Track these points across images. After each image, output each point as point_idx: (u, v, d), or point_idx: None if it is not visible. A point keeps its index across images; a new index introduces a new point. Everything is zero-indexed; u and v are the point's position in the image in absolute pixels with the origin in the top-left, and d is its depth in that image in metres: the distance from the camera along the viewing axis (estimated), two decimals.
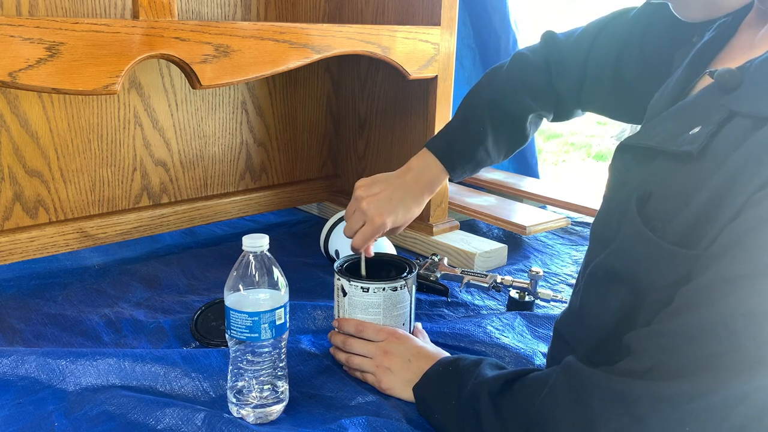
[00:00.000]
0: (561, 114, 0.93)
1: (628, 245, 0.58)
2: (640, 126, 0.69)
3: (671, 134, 0.58)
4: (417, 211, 0.91)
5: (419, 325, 0.90)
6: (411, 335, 0.82)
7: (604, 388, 0.52)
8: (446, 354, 0.78)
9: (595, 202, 1.45)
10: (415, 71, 1.20)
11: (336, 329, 0.85)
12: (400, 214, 0.88)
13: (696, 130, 0.55)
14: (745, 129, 0.51)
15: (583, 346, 0.64)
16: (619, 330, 0.57)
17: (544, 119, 0.96)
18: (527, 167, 1.79)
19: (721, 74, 0.55)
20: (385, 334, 0.80)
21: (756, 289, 0.47)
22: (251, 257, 0.70)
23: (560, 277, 1.21)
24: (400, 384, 0.76)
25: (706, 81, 0.60)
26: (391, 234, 0.92)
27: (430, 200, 1.28)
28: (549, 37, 0.90)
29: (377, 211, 0.87)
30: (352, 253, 0.91)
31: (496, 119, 0.91)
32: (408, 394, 0.75)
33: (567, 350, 0.66)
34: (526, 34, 1.74)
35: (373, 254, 0.89)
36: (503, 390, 0.63)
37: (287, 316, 0.71)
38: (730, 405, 0.47)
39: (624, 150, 0.64)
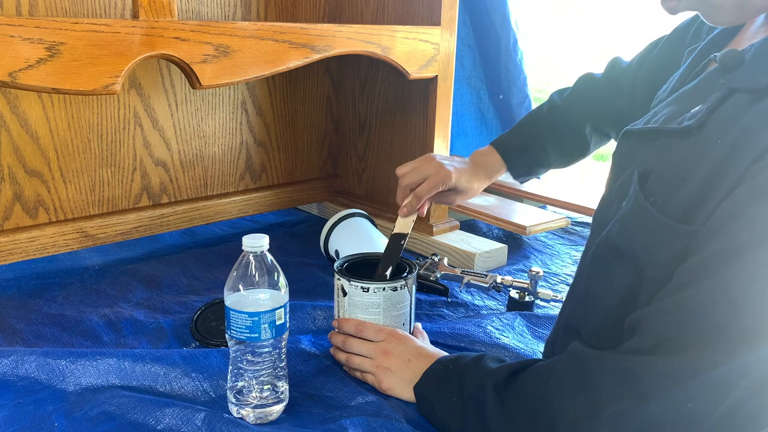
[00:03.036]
0: None
1: (629, 220, 0.58)
2: None
3: (673, 116, 0.59)
4: (476, 186, 0.98)
5: (419, 325, 0.90)
6: (411, 335, 0.82)
7: (609, 368, 0.53)
8: (446, 354, 0.78)
9: (595, 203, 1.44)
10: (415, 71, 1.20)
11: (336, 329, 0.85)
12: (464, 177, 0.96)
13: (696, 108, 0.56)
14: (744, 103, 0.52)
15: (587, 329, 0.64)
16: (621, 312, 0.58)
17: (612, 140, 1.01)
18: None
19: (724, 55, 0.56)
20: (385, 334, 0.80)
21: (755, 258, 0.47)
22: (251, 257, 0.70)
23: (560, 277, 1.21)
24: (400, 384, 0.76)
25: (710, 67, 0.61)
26: (443, 200, 0.99)
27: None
28: (612, 61, 0.97)
29: (446, 166, 0.95)
30: (352, 253, 0.91)
31: (554, 124, 0.98)
32: (408, 395, 0.75)
33: (570, 338, 0.66)
34: (527, 35, 1.74)
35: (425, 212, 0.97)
36: (508, 381, 0.63)
37: (287, 316, 0.71)
38: (733, 380, 0.47)
39: (627, 136, 0.66)
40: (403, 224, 0.94)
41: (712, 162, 0.51)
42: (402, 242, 0.90)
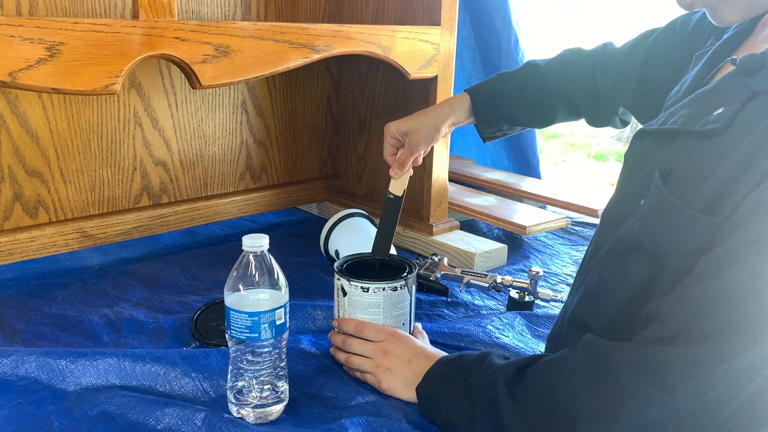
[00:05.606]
0: (598, 114, 0.97)
1: (652, 215, 0.58)
2: None
3: (693, 117, 0.59)
4: (430, 122, 0.95)
5: (419, 325, 0.90)
6: (411, 336, 0.82)
7: (630, 358, 0.53)
8: (446, 354, 0.78)
9: (595, 203, 1.45)
10: (415, 71, 1.20)
11: (336, 329, 0.85)
12: (406, 122, 0.95)
13: (719, 111, 0.56)
14: (767, 104, 0.53)
15: (598, 323, 0.64)
16: (636, 302, 0.58)
17: (583, 120, 0.99)
18: (528, 167, 1.79)
19: (744, 59, 0.57)
20: (385, 334, 0.80)
21: None
22: (251, 257, 0.70)
23: (560, 277, 1.21)
24: (400, 384, 0.76)
25: (726, 70, 0.62)
26: (412, 149, 0.95)
27: (430, 201, 1.29)
28: (605, 43, 0.96)
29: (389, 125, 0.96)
30: (352, 253, 0.91)
31: (528, 78, 0.97)
32: (408, 395, 0.75)
33: (577, 333, 0.66)
34: (529, 34, 1.74)
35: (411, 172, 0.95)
36: (517, 377, 0.63)
37: (287, 316, 0.71)
38: (757, 366, 0.48)
39: (642, 136, 0.66)
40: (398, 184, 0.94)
41: (736, 159, 0.52)
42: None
